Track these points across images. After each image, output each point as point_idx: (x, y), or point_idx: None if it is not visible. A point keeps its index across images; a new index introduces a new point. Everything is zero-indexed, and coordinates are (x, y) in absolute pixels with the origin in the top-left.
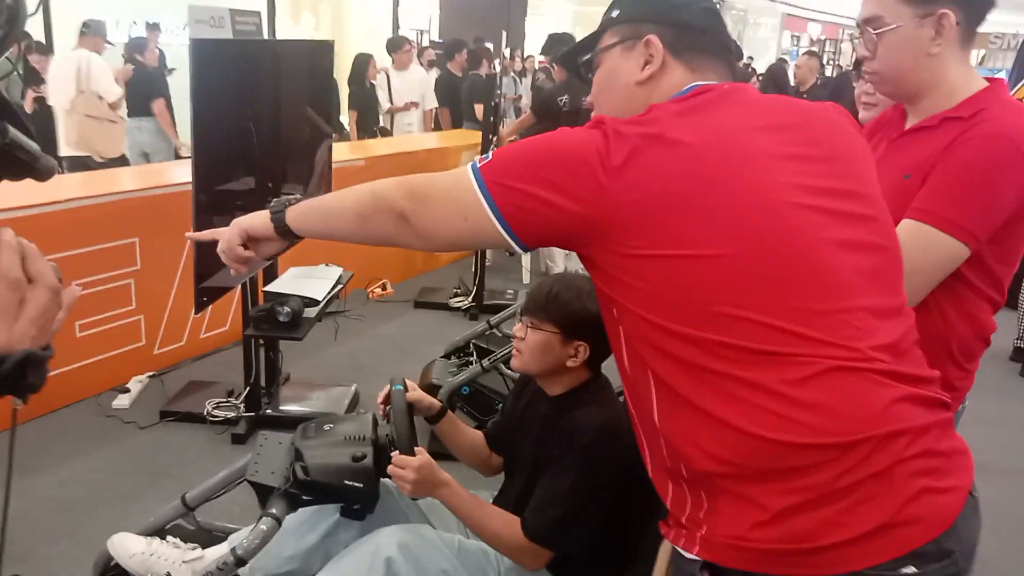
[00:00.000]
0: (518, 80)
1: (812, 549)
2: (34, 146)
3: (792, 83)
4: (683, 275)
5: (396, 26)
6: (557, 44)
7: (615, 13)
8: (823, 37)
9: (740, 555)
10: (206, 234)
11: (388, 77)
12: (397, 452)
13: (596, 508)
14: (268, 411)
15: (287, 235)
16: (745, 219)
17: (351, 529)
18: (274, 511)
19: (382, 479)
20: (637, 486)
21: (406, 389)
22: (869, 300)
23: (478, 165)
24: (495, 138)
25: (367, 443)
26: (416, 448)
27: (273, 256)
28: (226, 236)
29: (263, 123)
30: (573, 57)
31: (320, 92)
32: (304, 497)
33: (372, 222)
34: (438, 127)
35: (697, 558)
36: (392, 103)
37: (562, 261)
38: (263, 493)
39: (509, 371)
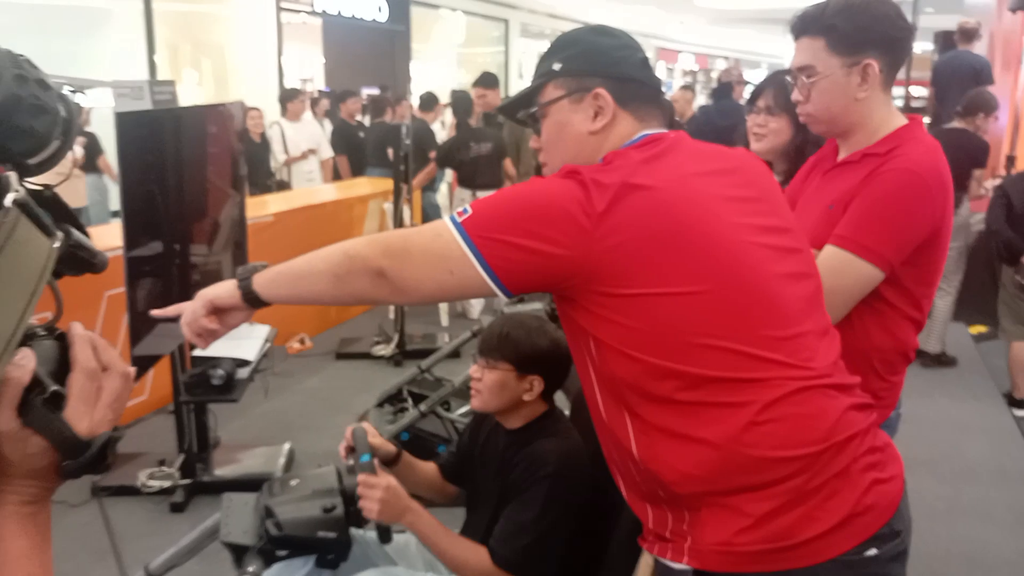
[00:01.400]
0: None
1: (793, 545)
2: (91, 244)
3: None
4: (667, 311)
5: (281, 77)
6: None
7: (556, 66)
8: (696, 67)
9: (729, 559)
10: (170, 310)
11: (281, 128)
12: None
13: (562, 534)
14: (204, 477)
15: (255, 303)
16: (715, 256)
17: None
18: (251, 569)
19: (352, 527)
20: (599, 511)
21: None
22: (812, 324)
23: (459, 220)
24: (406, 186)
25: (335, 494)
26: (381, 473)
27: (237, 326)
28: (190, 309)
29: (185, 185)
30: (514, 108)
31: (231, 152)
32: (278, 552)
33: (347, 282)
34: (337, 176)
35: (687, 567)
36: (288, 154)
37: (477, 302)
38: (238, 552)
39: (447, 414)
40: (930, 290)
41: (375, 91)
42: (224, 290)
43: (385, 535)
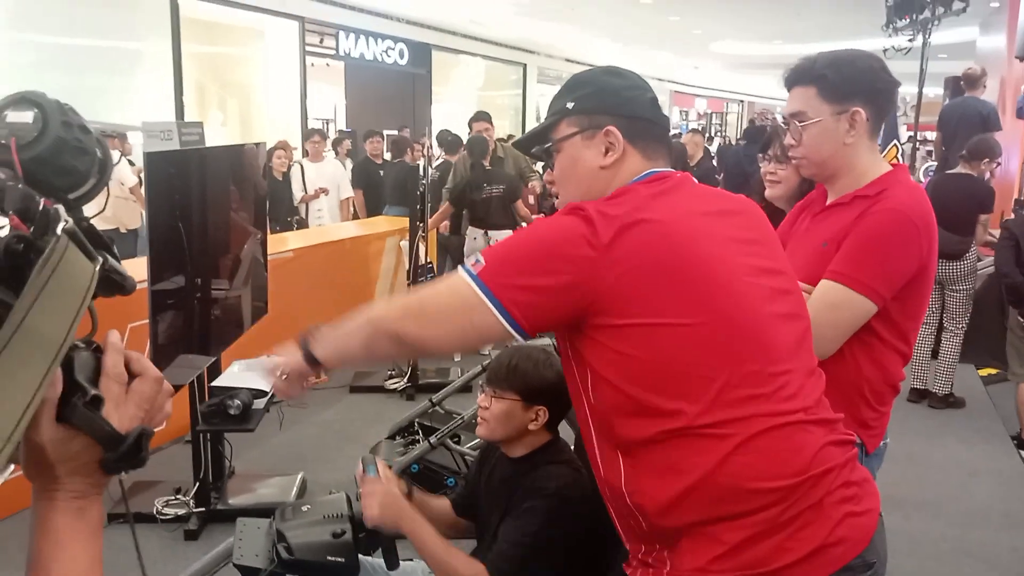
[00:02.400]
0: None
1: (766, 572)
2: (122, 268)
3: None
4: (663, 342)
5: (305, 117)
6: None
7: (569, 105)
8: (709, 111)
9: None
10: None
11: (302, 168)
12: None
13: (558, 557)
14: (219, 506)
15: (311, 361)
16: (712, 291)
17: None
18: None
19: (360, 554)
20: (598, 539)
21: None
22: (799, 363)
23: (475, 272)
24: (422, 224)
25: (344, 520)
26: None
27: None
28: (291, 364)
29: (209, 222)
30: (528, 144)
31: (254, 190)
32: None
33: (374, 347)
34: (355, 216)
35: None
36: (305, 192)
37: None
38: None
39: (457, 447)
40: (916, 324)
41: (394, 132)
42: (294, 360)
43: (392, 560)
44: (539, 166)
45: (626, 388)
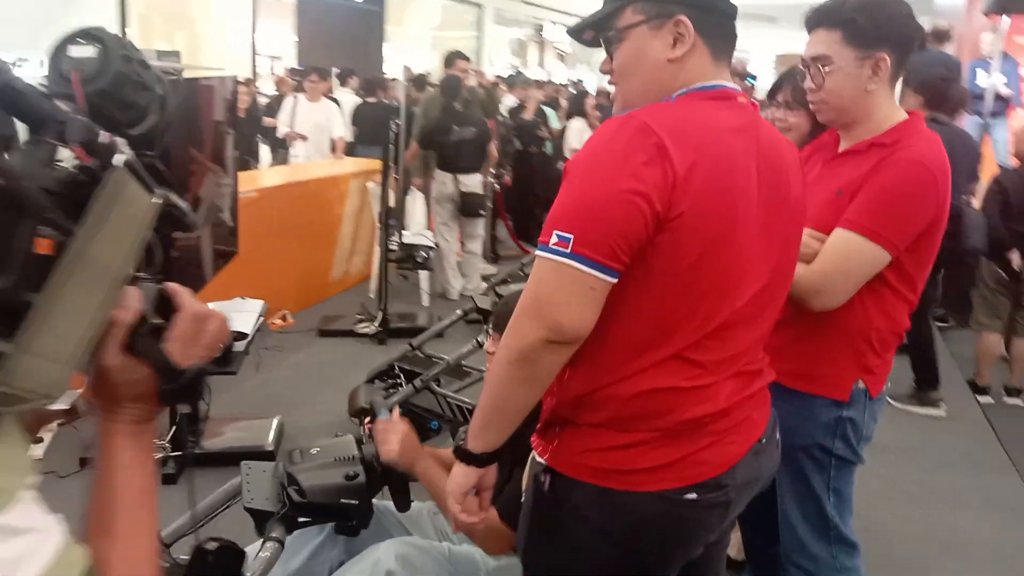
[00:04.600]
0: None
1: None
2: (185, 205)
3: None
4: (677, 279)
5: (254, 53)
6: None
7: None
8: None
9: (575, 467)
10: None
11: (295, 103)
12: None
13: None
14: (195, 450)
15: (485, 461)
16: (731, 252)
17: (335, 548)
18: (275, 535)
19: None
20: None
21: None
22: (757, 328)
23: (570, 251)
24: (395, 167)
25: (356, 462)
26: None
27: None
28: (448, 510)
29: (181, 157)
30: (582, 31)
31: (225, 127)
32: (300, 519)
33: (538, 374)
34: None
35: (543, 462)
36: (291, 128)
37: (456, 282)
38: (260, 518)
39: (440, 390)
40: (925, 273)
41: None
42: (464, 476)
43: (404, 503)
44: (504, 110)
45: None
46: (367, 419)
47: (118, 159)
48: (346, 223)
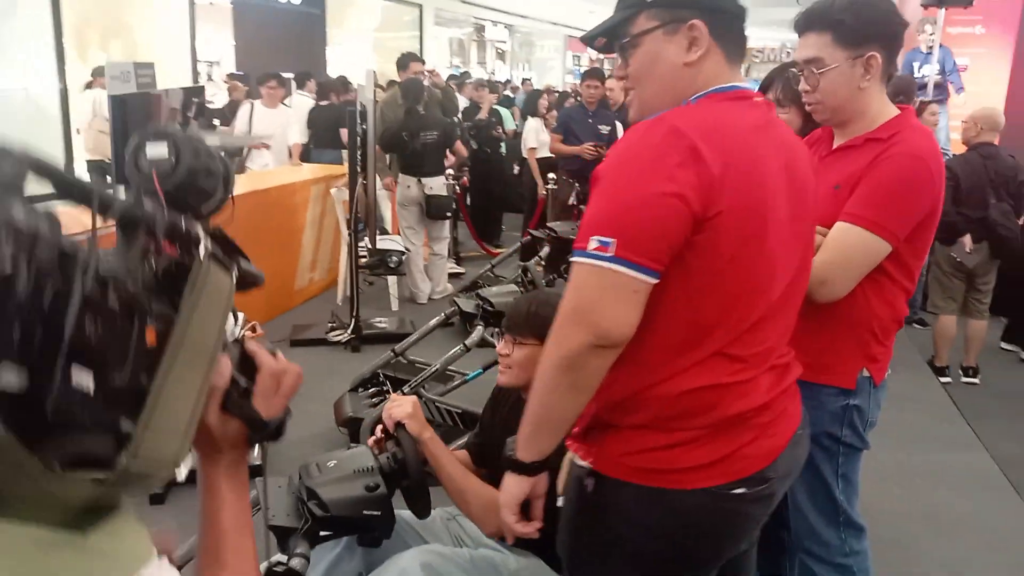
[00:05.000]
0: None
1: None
2: (253, 267)
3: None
4: (716, 278)
5: (195, 60)
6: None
7: None
8: (602, 57)
9: (620, 468)
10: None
11: (252, 110)
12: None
13: None
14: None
15: (536, 470)
16: (764, 248)
17: (353, 560)
18: (300, 551)
19: None
20: None
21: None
22: (782, 320)
23: (612, 255)
24: (363, 172)
25: (375, 473)
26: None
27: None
28: (503, 521)
29: None
30: (594, 37)
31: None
32: (322, 533)
33: (584, 380)
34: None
35: (587, 465)
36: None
37: (425, 286)
38: (283, 535)
39: (428, 395)
40: (920, 262)
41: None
42: (517, 487)
43: (424, 509)
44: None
45: (671, 304)
46: (377, 427)
47: (202, 250)
48: (308, 230)
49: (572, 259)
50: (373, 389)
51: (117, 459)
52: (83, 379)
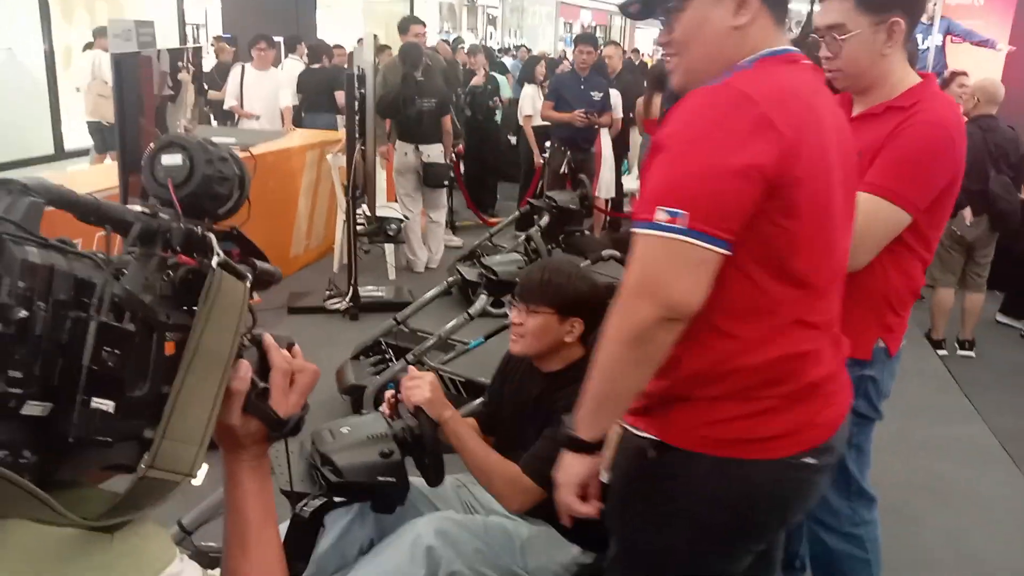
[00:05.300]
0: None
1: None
2: (270, 266)
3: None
4: (793, 244)
5: (182, 22)
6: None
7: None
8: (594, 24)
9: (695, 440)
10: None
11: (243, 72)
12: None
13: None
14: None
15: (597, 447)
16: (829, 213)
17: (364, 527)
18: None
19: None
20: None
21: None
22: (837, 286)
23: (682, 225)
24: (361, 138)
25: (389, 439)
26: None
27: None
28: (562, 500)
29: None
30: (631, 3)
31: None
32: (336, 499)
33: (651, 354)
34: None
35: (653, 437)
36: (239, 102)
37: (423, 254)
38: (297, 501)
39: (432, 364)
40: (939, 232)
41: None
42: (579, 466)
43: (437, 477)
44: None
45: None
46: (389, 392)
47: (215, 261)
48: (303, 197)
49: (635, 230)
50: (376, 357)
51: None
52: (103, 402)
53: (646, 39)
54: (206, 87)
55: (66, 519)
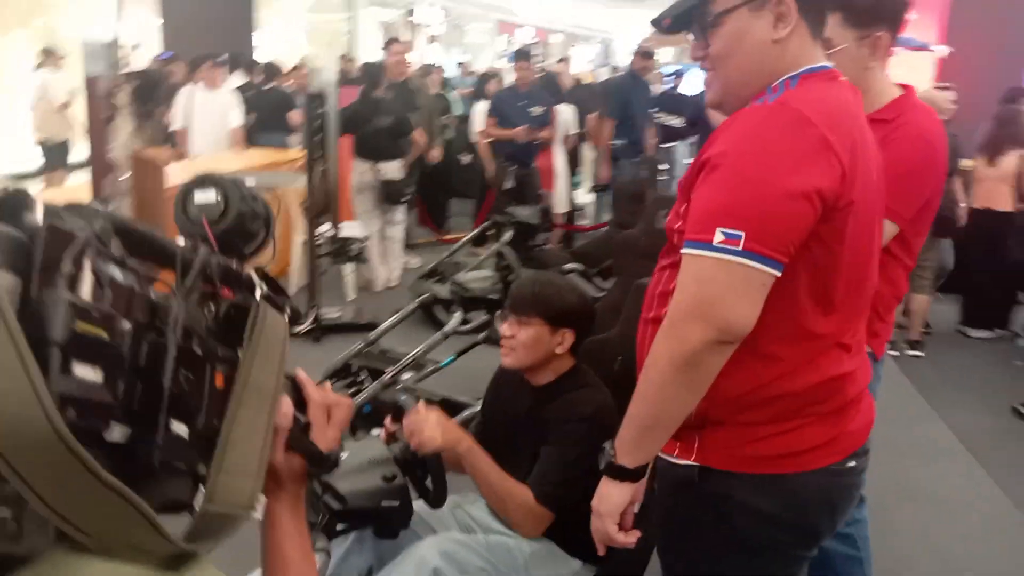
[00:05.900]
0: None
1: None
2: (293, 302)
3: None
4: (838, 267)
5: (115, 42)
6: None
7: None
8: (536, 39)
9: (734, 460)
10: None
11: (191, 93)
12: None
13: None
14: None
15: (636, 476)
16: (869, 234)
17: (363, 553)
18: (320, 545)
19: None
20: None
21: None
22: (864, 302)
23: (740, 248)
24: (321, 159)
25: (391, 463)
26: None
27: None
28: (602, 531)
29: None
30: (674, 21)
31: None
32: (339, 527)
33: (701, 378)
34: None
35: (693, 463)
36: (184, 125)
37: (383, 272)
38: None
39: (408, 385)
40: (922, 239)
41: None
42: (620, 495)
43: (440, 498)
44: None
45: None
46: (387, 417)
47: (259, 294)
48: None
49: (687, 251)
50: (349, 379)
51: (194, 502)
52: (180, 427)
53: (580, 57)
54: (154, 109)
55: (171, 544)
